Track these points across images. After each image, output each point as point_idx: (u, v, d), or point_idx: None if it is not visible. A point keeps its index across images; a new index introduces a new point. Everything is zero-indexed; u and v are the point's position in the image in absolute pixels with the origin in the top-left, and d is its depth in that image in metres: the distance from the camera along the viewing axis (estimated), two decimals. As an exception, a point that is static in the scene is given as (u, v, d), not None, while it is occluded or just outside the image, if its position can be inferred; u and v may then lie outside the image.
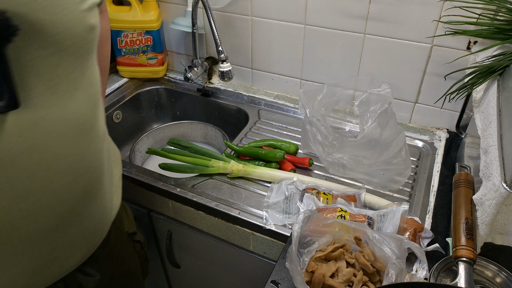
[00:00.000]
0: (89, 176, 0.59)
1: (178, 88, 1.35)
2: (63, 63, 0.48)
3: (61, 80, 0.49)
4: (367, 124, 0.90)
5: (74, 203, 0.57)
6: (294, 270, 0.63)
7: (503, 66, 0.78)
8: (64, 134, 0.52)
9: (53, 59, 0.47)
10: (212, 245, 0.99)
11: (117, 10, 1.23)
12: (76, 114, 0.53)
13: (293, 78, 1.22)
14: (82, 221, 0.61)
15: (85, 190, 0.59)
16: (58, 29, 0.45)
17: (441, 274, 0.69)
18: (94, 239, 0.66)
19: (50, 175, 0.52)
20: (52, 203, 0.54)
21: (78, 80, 0.52)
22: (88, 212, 0.61)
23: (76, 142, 0.54)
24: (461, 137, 1.07)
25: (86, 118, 0.55)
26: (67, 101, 0.51)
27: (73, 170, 0.55)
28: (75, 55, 0.49)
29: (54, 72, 0.48)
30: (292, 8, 1.09)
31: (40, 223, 0.54)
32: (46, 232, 0.55)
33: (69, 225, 0.58)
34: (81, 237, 0.62)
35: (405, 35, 1.00)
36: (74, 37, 0.48)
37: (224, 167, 0.94)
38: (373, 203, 0.85)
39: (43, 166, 0.50)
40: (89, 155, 0.57)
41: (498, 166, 0.62)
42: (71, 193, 0.56)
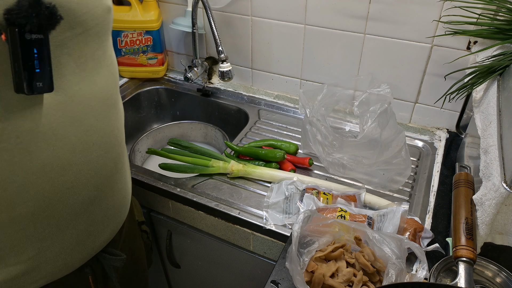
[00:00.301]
0: (117, 150, 0.63)
1: (178, 88, 1.35)
2: (89, 42, 0.53)
3: (88, 58, 0.54)
4: (367, 124, 0.90)
5: (107, 176, 0.61)
6: (294, 270, 0.63)
7: (503, 66, 0.78)
8: (95, 108, 0.56)
9: (81, 38, 0.51)
10: (212, 245, 0.99)
11: (117, 10, 1.23)
12: (103, 90, 0.57)
13: (293, 78, 1.22)
14: (113, 195, 0.65)
15: (115, 163, 0.63)
16: (83, 10, 0.50)
17: (441, 274, 0.69)
18: (120, 215, 0.69)
19: (88, 146, 0.56)
20: (91, 174, 0.58)
21: (102, 58, 0.57)
22: (117, 186, 0.66)
23: (106, 116, 0.58)
24: (461, 137, 1.07)
25: (111, 94, 0.60)
26: (95, 77, 0.55)
27: (105, 143, 0.59)
28: (98, 34, 0.54)
29: (82, 51, 0.52)
30: (292, 8, 1.09)
31: (81, 194, 0.58)
32: (85, 204, 0.59)
33: (103, 197, 0.62)
34: (112, 211, 0.66)
35: (405, 35, 1.00)
36: (97, 18, 0.53)
37: (224, 167, 0.94)
38: (373, 203, 0.85)
39: (81, 138, 0.55)
40: (116, 129, 0.62)
41: (498, 166, 0.62)
42: (104, 165, 0.60)
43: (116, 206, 0.67)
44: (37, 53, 0.44)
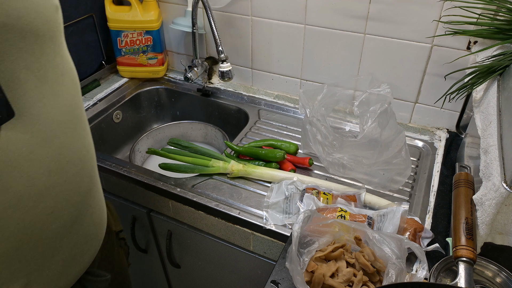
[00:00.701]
0: (90, 164, 0.60)
1: (178, 88, 1.35)
2: (45, 50, 0.48)
3: (47, 68, 0.49)
4: (367, 124, 0.90)
5: (85, 192, 0.59)
6: (294, 270, 0.63)
7: (503, 66, 0.78)
8: (63, 122, 0.52)
9: (37, 47, 0.46)
10: (212, 245, 0.99)
11: (117, 10, 1.23)
12: (68, 101, 0.53)
13: (293, 78, 1.22)
14: (93, 211, 0.62)
15: (90, 177, 0.60)
16: (32, 15, 0.44)
17: (441, 274, 0.69)
18: (101, 231, 0.67)
19: (62, 166, 0.52)
20: (70, 194, 0.55)
21: (61, 65, 0.52)
22: (95, 201, 0.63)
23: (74, 129, 0.55)
24: (461, 137, 1.07)
25: (76, 104, 0.55)
26: (58, 88, 0.51)
27: (79, 158, 0.56)
28: (52, 39, 0.49)
29: (40, 61, 0.47)
30: (292, 8, 1.09)
31: (63, 217, 0.55)
32: (68, 227, 0.56)
33: (84, 216, 0.60)
34: (93, 229, 0.63)
35: (405, 35, 1.00)
36: (47, 21, 0.47)
37: (224, 167, 0.94)
38: (373, 203, 0.86)
39: (55, 158, 0.51)
40: (86, 142, 0.58)
41: (498, 166, 0.62)
42: (81, 181, 0.57)
43: (96, 223, 0.64)
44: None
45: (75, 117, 0.55)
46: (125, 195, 1.04)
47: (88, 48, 1.26)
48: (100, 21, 1.25)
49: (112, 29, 1.24)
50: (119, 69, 1.34)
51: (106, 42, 1.31)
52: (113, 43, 1.27)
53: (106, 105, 1.24)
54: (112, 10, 1.23)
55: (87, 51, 1.26)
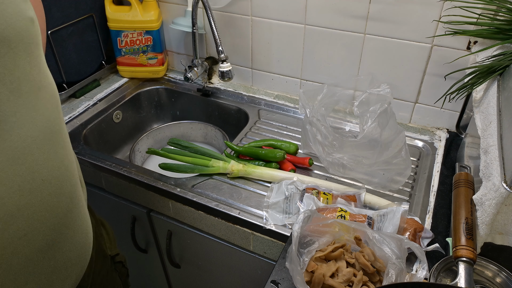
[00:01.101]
0: (70, 183, 0.56)
1: (178, 88, 1.35)
2: (19, 62, 0.46)
3: (21, 81, 0.46)
4: (367, 124, 0.90)
5: (64, 214, 0.55)
6: (294, 270, 0.63)
7: (503, 66, 0.78)
8: (38, 139, 0.49)
9: (8, 59, 0.44)
10: (212, 245, 0.99)
11: (117, 10, 1.23)
12: (45, 116, 0.50)
13: (293, 78, 1.22)
14: (73, 234, 0.58)
15: (70, 198, 0.56)
16: (2, 25, 0.43)
17: (441, 274, 0.69)
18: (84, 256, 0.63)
19: (36, 185, 0.49)
20: (45, 216, 0.51)
21: (38, 78, 0.50)
22: (76, 223, 0.59)
23: (51, 146, 0.52)
24: (461, 137, 1.07)
25: (54, 119, 0.53)
26: (34, 102, 0.48)
27: (56, 177, 0.53)
28: (27, 51, 0.47)
29: (13, 74, 0.45)
30: (292, 8, 1.09)
31: (37, 241, 0.51)
32: (43, 251, 0.53)
33: (63, 239, 0.56)
34: (74, 253, 0.59)
35: (405, 35, 1.00)
36: (20, 32, 0.45)
37: (224, 167, 0.94)
38: (373, 203, 0.85)
39: (27, 177, 0.48)
40: (66, 159, 0.55)
41: (498, 166, 0.62)
42: (59, 202, 0.54)
43: (79, 247, 0.60)
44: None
45: (52, 133, 0.52)
46: (125, 195, 1.04)
47: (88, 48, 1.26)
48: (100, 21, 1.25)
49: (112, 29, 1.25)
50: (119, 69, 1.34)
51: (106, 42, 1.31)
52: (113, 43, 1.27)
53: (106, 105, 1.24)
54: (112, 10, 1.23)
55: (87, 51, 1.26)
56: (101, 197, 1.10)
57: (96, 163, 1.00)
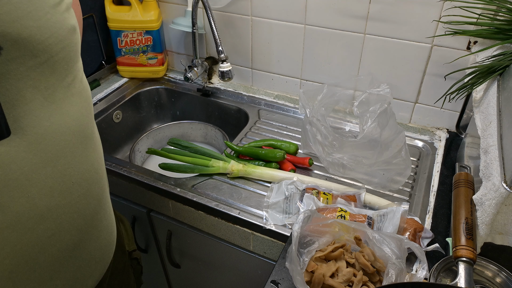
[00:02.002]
0: (99, 185, 0.58)
1: (178, 88, 1.35)
2: (56, 70, 0.47)
3: (56, 87, 0.48)
4: (367, 124, 0.90)
5: (91, 215, 0.57)
6: (294, 270, 0.63)
7: (503, 66, 0.78)
8: (71, 143, 0.51)
9: (46, 66, 0.46)
10: (212, 245, 0.99)
11: (117, 10, 1.23)
12: (78, 121, 0.52)
13: (293, 78, 1.22)
14: (99, 235, 0.60)
15: (98, 200, 0.58)
16: (45, 34, 0.44)
17: (441, 274, 0.69)
18: (108, 254, 0.65)
19: (67, 187, 0.51)
20: (73, 217, 0.53)
21: (72, 85, 0.51)
22: (102, 224, 0.61)
23: (83, 150, 0.53)
24: (461, 137, 1.07)
25: (87, 123, 0.54)
26: (67, 108, 0.50)
27: (86, 179, 0.54)
28: (65, 59, 0.48)
29: (49, 81, 0.46)
30: (292, 8, 1.09)
31: (64, 241, 0.53)
32: (70, 250, 0.54)
33: (89, 239, 0.57)
34: (99, 252, 0.61)
35: (405, 35, 1.00)
36: (62, 41, 0.47)
37: (224, 167, 0.94)
38: (373, 203, 0.85)
39: (59, 179, 0.50)
40: (96, 163, 0.57)
41: (498, 166, 0.62)
42: (87, 204, 0.55)
43: (103, 246, 0.62)
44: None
45: (84, 137, 0.54)
46: (125, 195, 1.04)
47: (88, 48, 1.26)
48: (100, 21, 1.25)
49: (112, 29, 1.24)
50: (119, 69, 1.34)
51: (106, 42, 1.31)
52: (113, 43, 1.27)
53: (106, 105, 1.24)
54: (112, 10, 1.23)
55: (87, 51, 1.26)
56: (101, 197, 1.10)
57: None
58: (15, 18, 0.40)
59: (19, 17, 0.41)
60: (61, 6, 0.47)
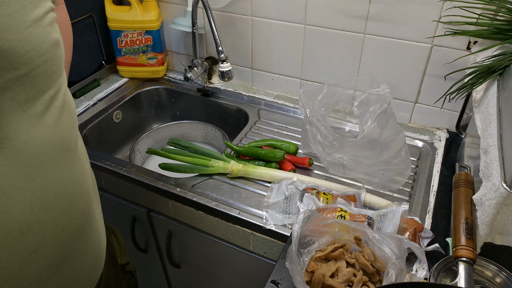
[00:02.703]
0: (84, 199, 0.57)
1: (178, 88, 1.35)
2: (37, 83, 0.46)
3: (36, 100, 0.47)
4: (367, 124, 0.90)
5: (76, 230, 0.55)
6: (294, 270, 0.63)
7: (503, 66, 0.78)
8: (52, 156, 0.50)
9: (27, 79, 0.45)
10: (212, 245, 0.99)
11: (117, 10, 1.23)
12: (60, 134, 0.51)
13: (293, 78, 1.22)
14: (85, 250, 0.58)
15: (83, 214, 0.57)
16: (27, 47, 0.44)
17: (441, 274, 0.69)
18: (96, 271, 0.63)
19: (48, 201, 0.50)
20: (56, 232, 0.51)
21: (55, 98, 0.50)
22: (89, 239, 0.59)
23: (66, 163, 0.52)
24: (461, 137, 1.07)
25: (69, 137, 0.53)
26: (48, 121, 0.49)
27: (68, 193, 0.53)
28: (47, 73, 0.48)
29: (29, 93, 0.46)
30: (292, 8, 1.09)
31: (47, 258, 0.51)
32: (53, 268, 0.53)
33: (74, 256, 0.56)
34: (86, 270, 0.59)
35: (405, 35, 1.00)
36: (44, 54, 0.46)
37: (224, 167, 0.94)
38: (373, 203, 0.85)
39: (39, 193, 0.48)
40: (80, 176, 0.55)
41: (498, 166, 0.62)
42: (72, 218, 0.54)
43: (90, 263, 0.60)
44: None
45: (67, 150, 0.52)
46: (125, 195, 1.04)
47: (88, 48, 1.26)
48: (100, 21, 1.25)
49: (112, 29, 1.24)
50: (119, 69, 1.34)
51: (106, 42, 1.31)
52: (113, 43, 1.27)
53: (106, 105, 1.24)
54: (112, 10, 1.23)
55: (87, 51, 1.26)
56: (101, 197, 1.09)
57: (96, 163, 1.00)
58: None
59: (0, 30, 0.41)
60: (44, 20, 0.47)
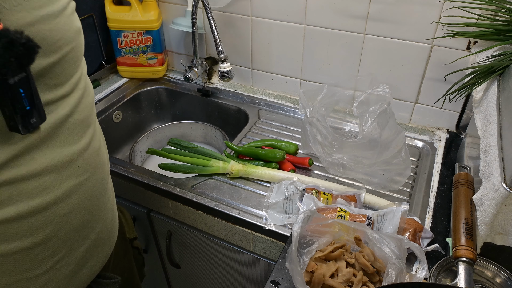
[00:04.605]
0: (102, 169, 0.62)
1: (178, 88, 1.35)
2: (65, 69, 0.51)
3: (65, 85, 0.52)
4: (367, 124, 0.90)
5: (97, 198, 0.61)
6: (294, 270, 0.63)
7: (503, 66, 0.78)
8: (74, 131, 0.55)
9: (58, 67, 0.49)
10: (212, 245, 0.99)
11: (117, 10, 1.23)
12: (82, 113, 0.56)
13: (293, 78, 1.22)
14: (104, 217, 0.64)
15: (102, 184, 0.62)
16: (56, 36, 0.48)
17: (441, 274, 0.69)
18: (113, 237, 0.69)
19: (73, 170, 0.55)
20: (81, 198, 0.57)
21: (78, 81, 0.55)
22: (107, 207, 0.64)
23: (87, 138, 0.58)
24: (461, 137, 1.07)
25: (90, 115, 0.59)
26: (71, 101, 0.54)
27: (90, 163, 0.58)
28: (73, 59, 0.53)
29: (59, 79, 0.50)
30: (292, 8, 1.09)
31: (75, 220, 0.57)
32: (79, 230, 0.58)
33: (96, 221, 0.61)
34: (104, 234, 0.64)
35: (405, 35, 1.00)
36: (70, 41, 0.51)
37: (224, 167, 0.94)
38: (373, 203, 0.86)
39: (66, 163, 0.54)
40: (98, 149, 0.61)
41: (498, 166, 0.62)
42: (93, 186, 0.59)
43: (108, 228, 0.66)
44: (24, 92, 0.43)
45: (87, 126, 0.58)
46: (125, 195, 1.04)
47: (88, 48, 1.26)
48: (100, 21, 1.25)
49: (112, 29, 1.24)
50: (119, 69, 1.34)
51: (106, 42, 1.31)
52: (113, 43, 1.27)
53: (106, 105, 1.24)
54: (112, 10, 1.23)
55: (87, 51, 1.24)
56: (101, 197, 1.10)
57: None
58: (30, 22, 0.44)
59: (33, 22, 0.44)
60: (67, 9, 0.51)
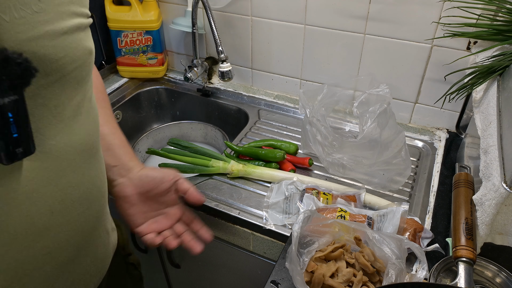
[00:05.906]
0: (99, 202, 0.58)
1: (178, 88, 1.35)
2: (66, 89, 0.46)
3: (66, 106, 0.47)
4: (367, 124, 0.90)
5: (88, 232, 0.56)
6: (294, 270, 0.63)
7: (503, 67, 0.78)
8: (74, 161, 0.50)
9: (58, 85, 0.45)
10: (212, 245, 0.98)
11: (117, 10, 1.23)
12: (83, 140, 0.51)
13: (293, 78, 1.22)
14: (96, 250, 0.60)
15: (97, 217, 0.58)
16: (60, 54, 0.43)
17: (441, 274, 0.69)
18: (104, 266, 0.65)
19: (66, 206, 0.50)
20: (70, 235, 0.52)
21: (81, 104, 0.50)
22: (100, 240, 0.60)
23: (86, 168, 0.53)
24: (461, 137, 1.07)
25: (92, 143, 0.54)
26: (74, 127, 0.49)
27: (86, 198, 0.54)
28: (77, 79, 0.48)
29: (59, 99, 0.46)
30: (292, 8, 1.09)
31: (60, 258, 0.52)
32: (64, 266, 0.54)
33: (84, 255, 0.57)
34: (94, 267, 0.61)
35: (405, 35, 1.00)
36: (75, 61, 0.46)
37: (224, 167, 0.94)
38: (373, 203, 0.86)
39: (59, 198, 0.49)
40: (98, 181, 0.57)
41: (498, 166, 0.62)
42: (86, 222, 0.55)
43: (99, 260, 0.61)
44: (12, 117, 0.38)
45: (89, 156, 0.53)
46: (125, 195, 1.04)
47: (88, 48, 1.26)
48: (100, 21, 1.25)
49: (112, 29, 1.24)
50: (119, 69, 1.34)
51: (106, 42, 1.31)
52: (113, 43, 1.27)
53: (106, 105, 1.24)
54: (112, 10, 1.23)
55: (87, 51, 1.26)
56: (101, 197, 1.10)
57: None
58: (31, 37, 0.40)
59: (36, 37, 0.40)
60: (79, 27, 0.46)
